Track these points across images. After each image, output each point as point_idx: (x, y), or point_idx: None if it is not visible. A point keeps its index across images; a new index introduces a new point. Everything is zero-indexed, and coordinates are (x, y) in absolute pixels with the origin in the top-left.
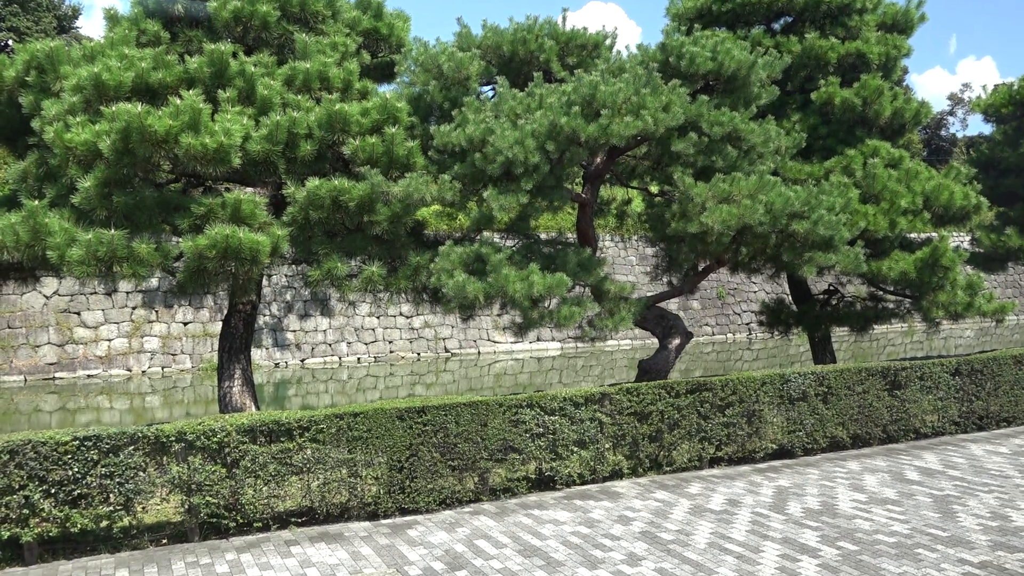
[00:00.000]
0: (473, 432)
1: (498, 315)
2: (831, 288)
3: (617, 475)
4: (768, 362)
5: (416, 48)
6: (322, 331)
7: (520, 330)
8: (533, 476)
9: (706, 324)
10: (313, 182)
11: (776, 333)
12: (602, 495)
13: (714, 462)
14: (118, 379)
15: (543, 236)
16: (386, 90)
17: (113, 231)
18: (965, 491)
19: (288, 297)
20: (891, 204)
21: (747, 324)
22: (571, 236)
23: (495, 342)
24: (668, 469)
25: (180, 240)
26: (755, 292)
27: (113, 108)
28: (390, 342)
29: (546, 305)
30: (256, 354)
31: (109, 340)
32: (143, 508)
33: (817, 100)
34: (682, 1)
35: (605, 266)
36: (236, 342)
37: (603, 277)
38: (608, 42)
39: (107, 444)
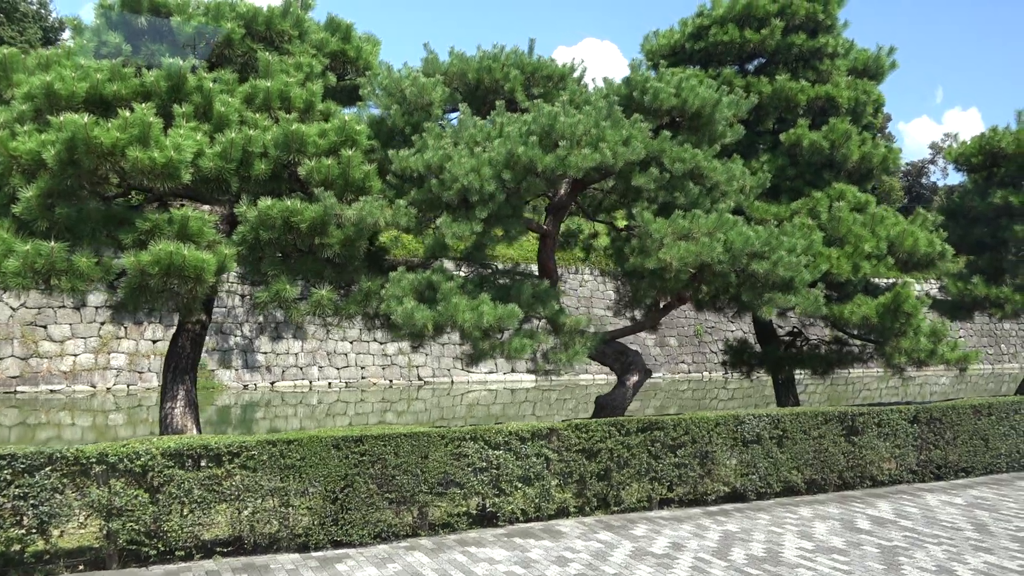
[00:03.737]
0: (413, 464)
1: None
2: (795, 330)
3: (563, 513)
4: (744, 401)
5: (382, 72)
6: (294, 354)
7: (471, 360)
8: (475, 512)
9: (683, 361)
10: (265, 202)
11: (739, 374)
12: (544, 534)
13: (665, 503)
14: (82, 395)
15: (500, 266)
16: (349, 113)
17: (53, 243)
18: (914, 542)
19: (261, 318)
20: (855, 248)
21: (723, 362)
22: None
23: (469, 371)
24: (616, 509)
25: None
26: (732, 331)
27: (61, 118)
28: (362, 368)
29: (498, 336)
30: (225, 375)
31: (75, 355)
32: (60, 532)
33: (786, 141)
34: (656, 38)
35: (561, 298)
36: (182, 362)
37: (558, 310)
38: (577, 74)
39: (22, 464)
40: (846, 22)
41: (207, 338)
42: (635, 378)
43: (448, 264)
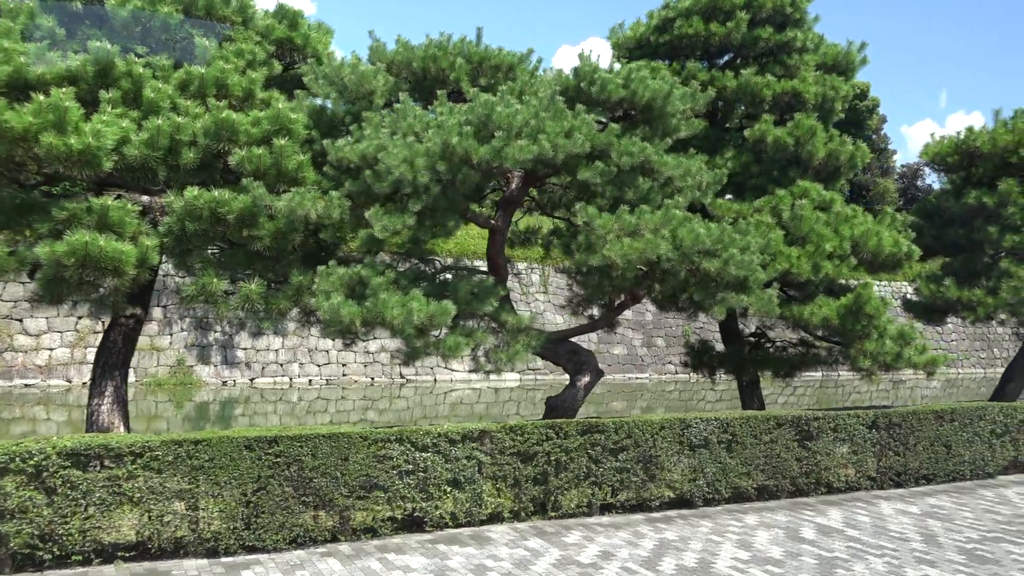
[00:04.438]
0: (332, 466)
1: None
2: (758, 331)
3: (497, 519)
4: (732, 403)
5: (325, 60)
6: (274, 350)
7: (406, 359)
8: (401, 517)
9: (670, 362)
10: (191, 192)
11: (701, 375)
12: (471, 540)
13: (607, 509)
14: (57, 390)
15: (441, 261)
16: (288, 101)
17: None
18: (856, 554)
19: (241, 313)
20: (816, 247)
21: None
22: (521, 265)
23: (452, 370)
24: (554, 514)
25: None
26: (718, 332)
27: None
28: (344, 365)
29: (435, 334)
30: (204, 371)
31: (51, 350)
32: None
33: (751, 137)
34: (623, 31)
35: (502, 295)
36: (113, 357)
37: (499, 307)
38: (531, 65)
39: None
40: (816, 16)
41: (186, 334)
42: (586, 379)
43: (386, 258)
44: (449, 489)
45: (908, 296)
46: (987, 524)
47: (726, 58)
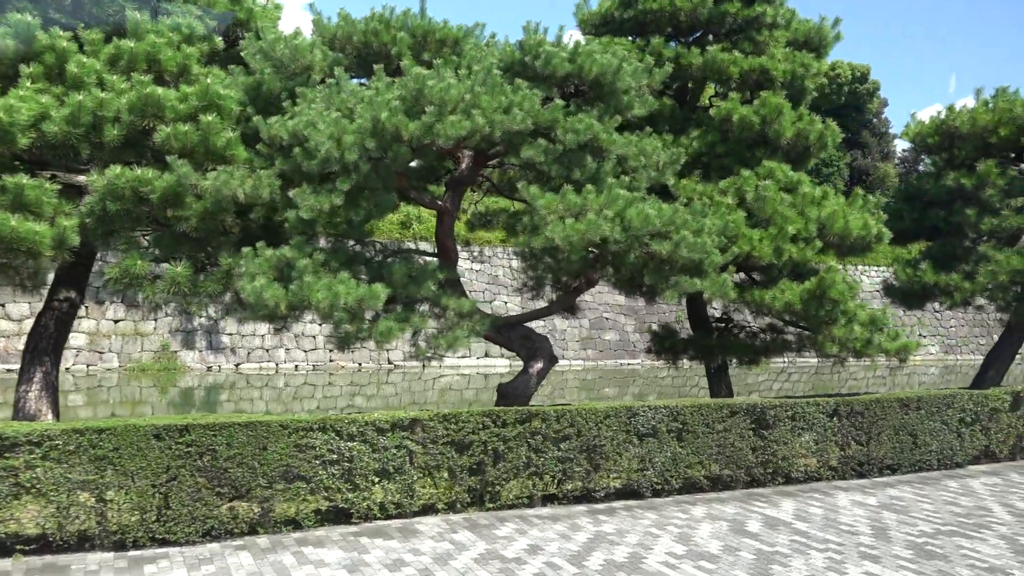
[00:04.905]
0: (249, 456)
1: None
2: (724, 316)
3: (430, 510)
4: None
5: (264, 35)
6: (260, 336)
7: (338, 345)
8: (327, 508)
9: None
10: (113, 170)
11: (665, 361)
12: (397, 533)
13: (550, 500)
14: None
15: (380, 243)
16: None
17: None
18: (798, 548)
19: (227, 298)
20: (779, 230)
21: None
22: (504, 249)
23: (441, 355)
24: (492, 506)
25: None
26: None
27: None
28: (331, 351)
29: (368, 319)
30: (188, 356)
31: None
32: None
33: (716, 116)
34: (588, 7)
35: (442, 278)
36: (43, 342)
37: (437, 291)
38: (483, 39)
39: None
40: None
41: (171, 319)
42: (539, 365)
43: (324, 242)
44: (377, 480)
45: (890, 282)
46: (944, 516)
47: (696, 35)
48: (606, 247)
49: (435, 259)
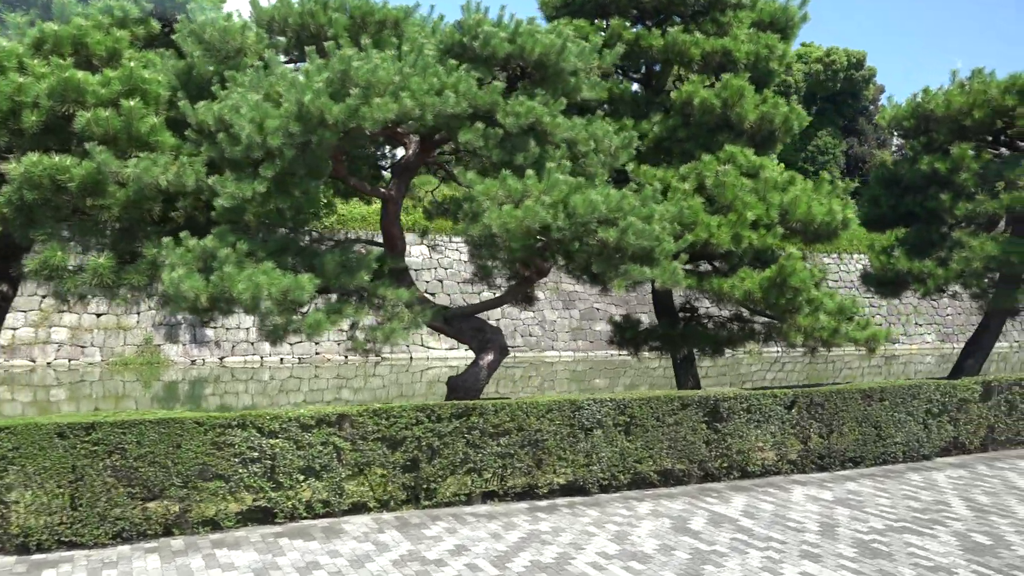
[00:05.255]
0: (162, 455)
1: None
2: (686, 305)
3: (362, 509)
4: (717, 380)
5: (194, 17)
6: (244, 328)
7: (268, 338)
8: (248, 508)
9: None
10: (30, 158)
11: (627, 352)
12: (320, 534)
13: (491, 497)
14: (20, 370)
15: (319, 233)
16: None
17: None
18: (737, 548)
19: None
20: (739, 216)
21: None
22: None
23: (428, 348)
24: (428, 504)
25: None
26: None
27: None
28: (316, 343)
29: (301, 311)
30: (172, 350)
31: (14, 328)
32: None
33: (677, 100)
34: None
35: (377, 267)
36: None
37: (374, 281)
38: (417, 20)
39: None
40: None
41: (154, 312)
42: (489, 357)
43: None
44: (303, 478)
45: (868, 270)
46: (900, 511)
47: (661, 17)
48: (550, 235)
49: (380, 248)
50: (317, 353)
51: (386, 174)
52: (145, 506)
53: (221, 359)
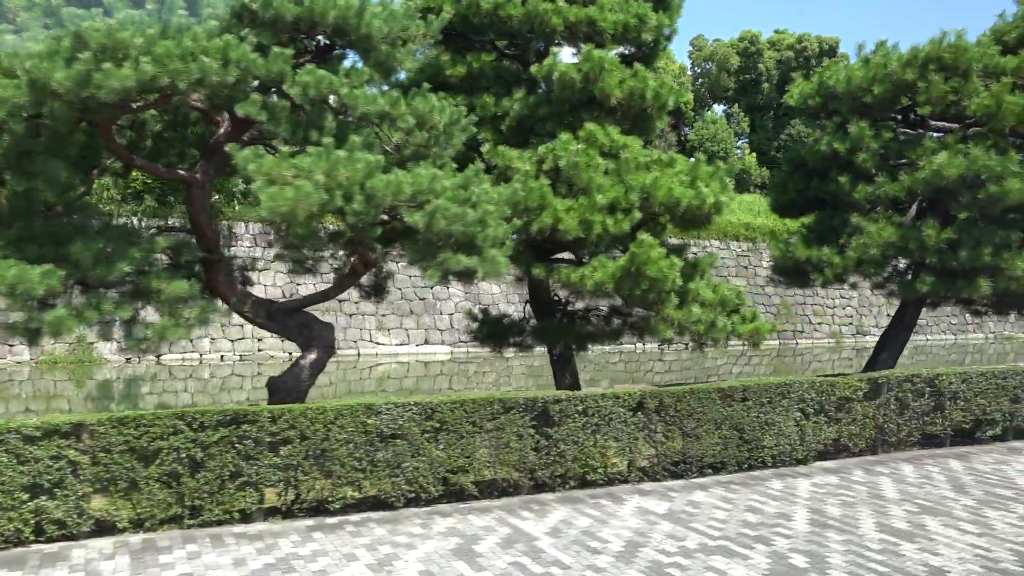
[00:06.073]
0: None
1: (382, 315)
2: (557, 298)
3: (110, 530)
4: (681, 373)
5: None
6: None
7: (22, 336)
8: None
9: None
10: None
11: (489, 348)
12: (37, 560)
13: (274, 513)
14: None
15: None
16: None
17: None
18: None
19: None
20: (590, 200)
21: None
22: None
23: (378, 343)
24: (193, 523)
25: None
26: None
27: None
28: (259, 340)
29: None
30: (105, 348)
31: None
32: None
33: (538, 74)
34: None
35: (145, 256)
36: None
37: (139, 272)
38: None
39: None
40: None
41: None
42: (312, 356)
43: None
44: (27, 498)
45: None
46: (729, 527)
47: None
48: (344, 219)
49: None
50: (260, 350)
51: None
52: None
53: (158, 357)
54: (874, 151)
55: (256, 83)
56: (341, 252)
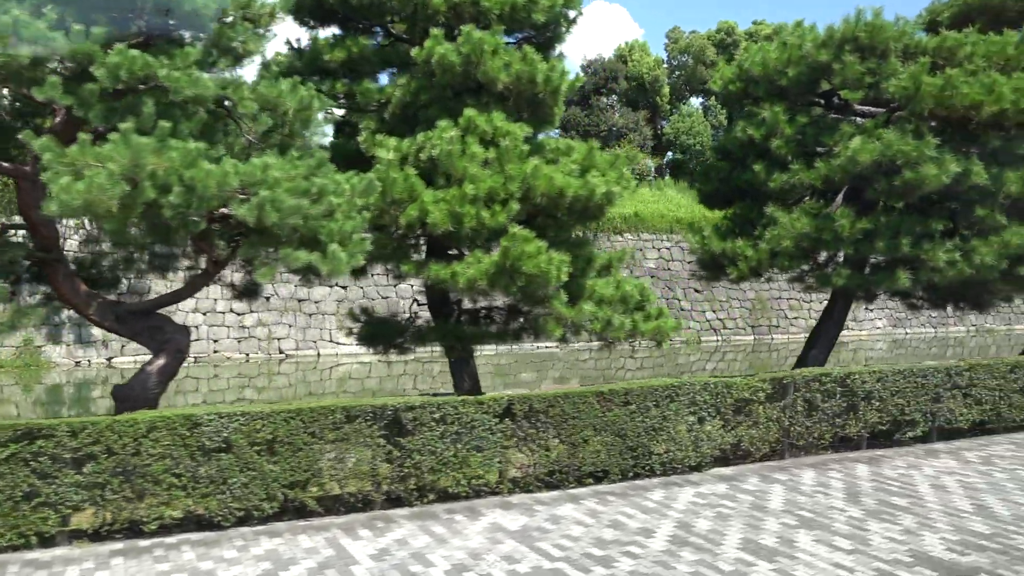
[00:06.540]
0: None
1: (343, 315)
2: (449, 297)
3: None
4: (654, 371)
5: None
6: None
7: None
8: None
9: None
10: None
11: (375, 352)
12: None
13: (78, 536)
14: None
15: None
16: None
17: None
18: None
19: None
20: (461, 191)
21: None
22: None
23: (338, 344)
24: None
25: None
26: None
27: None
28: (215, 341)
29: None
30: (54, 351)
31: None
32: None
33: (419, 58)
34: None
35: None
36: None
37: None
38: None
39: None
40: None
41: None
42: (161, 361)
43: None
44: None
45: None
46: (579, 546)
47: None
48: (158, 211)
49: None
50: (216, 352)
51: None
52: None
53: (109, 360)
54: (788, 137)
55: (61, 65)
56: (188, 249)
